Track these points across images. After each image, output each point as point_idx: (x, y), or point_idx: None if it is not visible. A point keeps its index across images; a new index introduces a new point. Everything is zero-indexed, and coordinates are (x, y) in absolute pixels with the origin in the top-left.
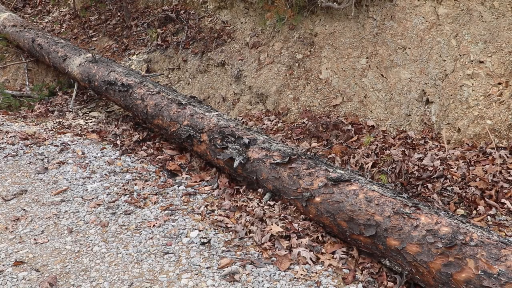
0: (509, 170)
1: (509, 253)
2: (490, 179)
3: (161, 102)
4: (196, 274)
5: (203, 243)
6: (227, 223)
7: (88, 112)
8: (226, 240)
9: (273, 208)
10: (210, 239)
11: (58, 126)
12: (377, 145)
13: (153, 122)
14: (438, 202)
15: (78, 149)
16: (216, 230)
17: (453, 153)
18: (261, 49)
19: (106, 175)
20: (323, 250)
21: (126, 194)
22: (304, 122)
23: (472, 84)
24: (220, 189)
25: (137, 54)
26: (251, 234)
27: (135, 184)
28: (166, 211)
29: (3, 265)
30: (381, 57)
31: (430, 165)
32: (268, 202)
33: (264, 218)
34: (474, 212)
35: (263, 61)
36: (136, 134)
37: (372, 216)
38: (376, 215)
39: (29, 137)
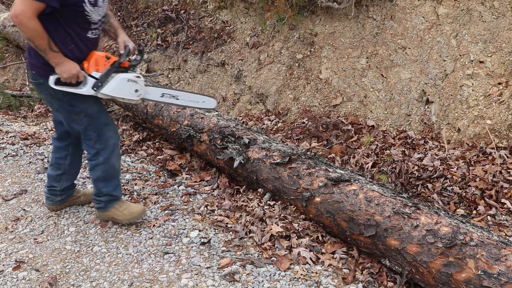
0: (509, 170)
1: (509, 253)
2: (490, 179)
3: None
4: (196, 274)
5: (203, 243)
6: (227, 223)
7: None
8: (226, 240)
9: (273, 208)
10: (210, 239)
11: None
12: (377, 145)
13: (153, 122)
14: (438, 202)
15: None
16: (216, 230)
17: (453, 153)
18: (261, 49)
19: None
20: (323, 250)
21: (126, 194)
22: (304, 122)
23: (472, 84)
24: (220, 189)
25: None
26: (251, 234)
27: (135, 184)
28: (166, 211)
29: (3, 265)
30: (381, 57)
31: (430, 165)
32: (268, 202)
33: (264, 218)
34: (474, 212)
35: (263, 61)
36: (136, 134)
37: (372, 216)
38: (376, 215)
39: (29, 137)
